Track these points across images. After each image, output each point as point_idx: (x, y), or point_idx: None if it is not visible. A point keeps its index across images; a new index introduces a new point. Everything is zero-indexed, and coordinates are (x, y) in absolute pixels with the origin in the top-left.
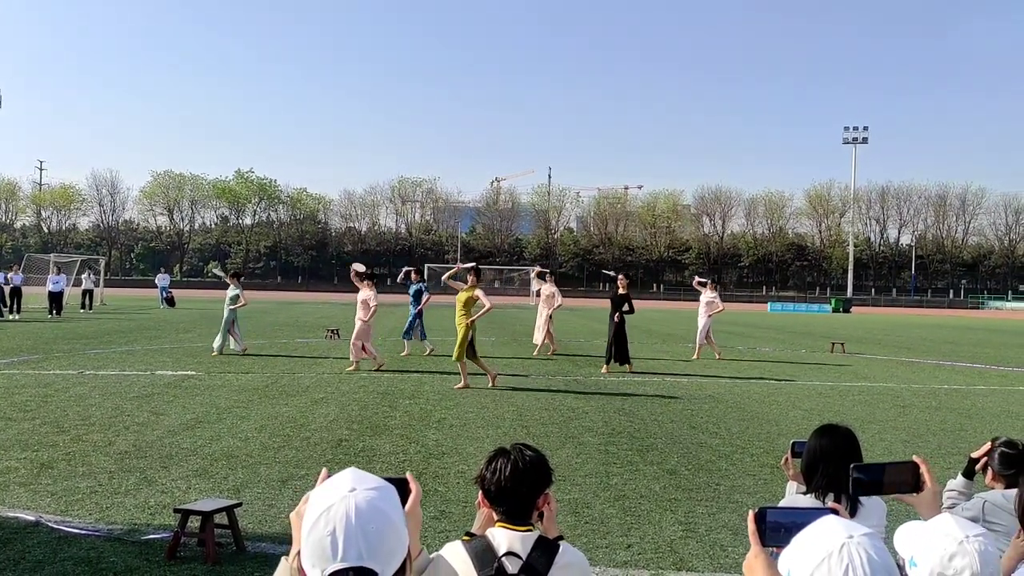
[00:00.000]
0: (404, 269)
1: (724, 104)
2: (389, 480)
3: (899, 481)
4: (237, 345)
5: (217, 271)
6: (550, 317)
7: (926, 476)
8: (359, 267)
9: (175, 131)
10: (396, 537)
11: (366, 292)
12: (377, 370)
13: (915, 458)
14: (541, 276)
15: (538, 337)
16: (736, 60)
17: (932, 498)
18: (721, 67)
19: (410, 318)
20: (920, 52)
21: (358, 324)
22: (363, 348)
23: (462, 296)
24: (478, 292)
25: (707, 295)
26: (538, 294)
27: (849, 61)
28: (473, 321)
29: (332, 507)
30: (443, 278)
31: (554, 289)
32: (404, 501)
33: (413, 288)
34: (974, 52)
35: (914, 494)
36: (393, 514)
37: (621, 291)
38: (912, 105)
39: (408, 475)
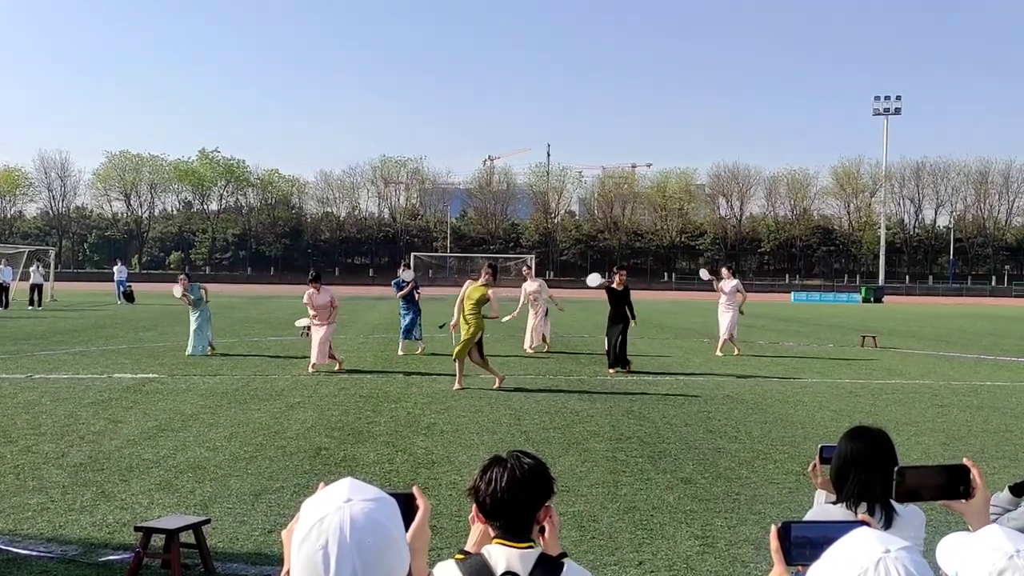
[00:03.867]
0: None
1: (741, 73)
2: (395, 495)
3: (948, 486)
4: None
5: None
6: (547, 314)
7: (977, 480)
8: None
9: (131, 108)
10: (396, 554)
11: (325, 296)
12: (312, 372)
13: (965, 460)
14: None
15: (532, 339)
16: (753, 24)
17: (983, 505)
18: (736, 32)
19: (412, 315)
20: (958, 14)
21: (325, 327)
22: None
23: (474, 293)
24: (490, 292)
25: (729, 283)
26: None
27: (879, 24)
28: (482, 320)
29: (325, 519)
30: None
31: (539, 282)
32: (410, 518)
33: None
34: (1019, 12)
35: (963, 501)
36: (393, 528)
37: (618, 287)
38: (950, 72)
39: (415, 489)
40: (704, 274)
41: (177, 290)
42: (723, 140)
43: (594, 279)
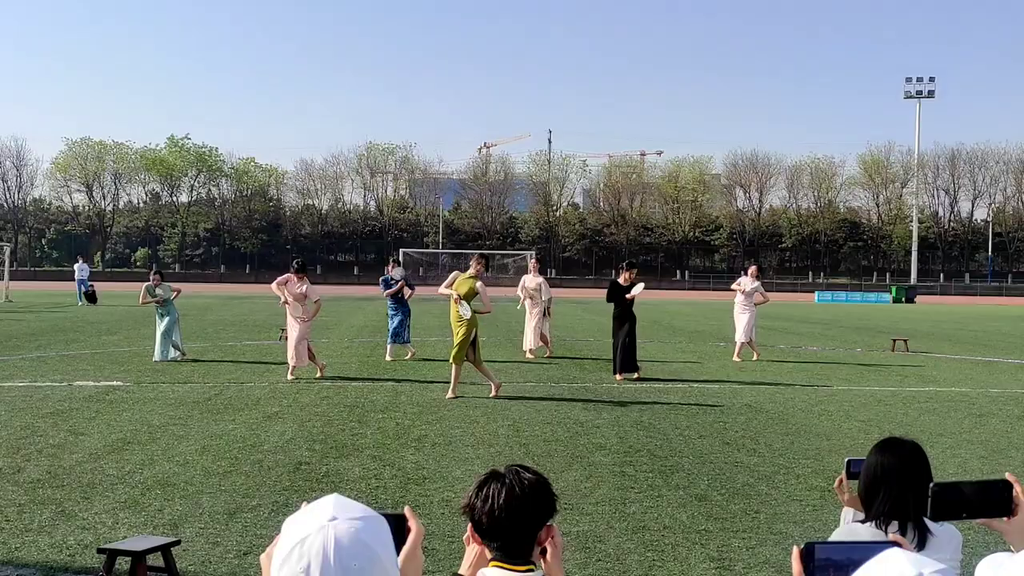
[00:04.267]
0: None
1: (758, 53)
2: (386, 516)
3: (988, 503)
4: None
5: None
6: (545, 313)
7: (1020, 497)
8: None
9: (94, 92)
10: None
11: (303, 286)
12: (292, 379)
13: (1007, 476)
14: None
15: (531, 340)
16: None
17: None
18: (753, 9)
19: (401, 316)
20: None
21: (300, 325)
22: (309, 351)
23: (461, 286)
24: (479, 285)
25: (752, 283)
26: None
27: None
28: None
29: (307, 539)
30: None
31: (543, 281)
32: (401, 541)
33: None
34: None
35: (1004, 519)
36: (380, 550)
37: (625, 284)
38: (987, 51)
39: (407, 510)
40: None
41: (164, 289)
42: (740, 126)
43: (637, 288)
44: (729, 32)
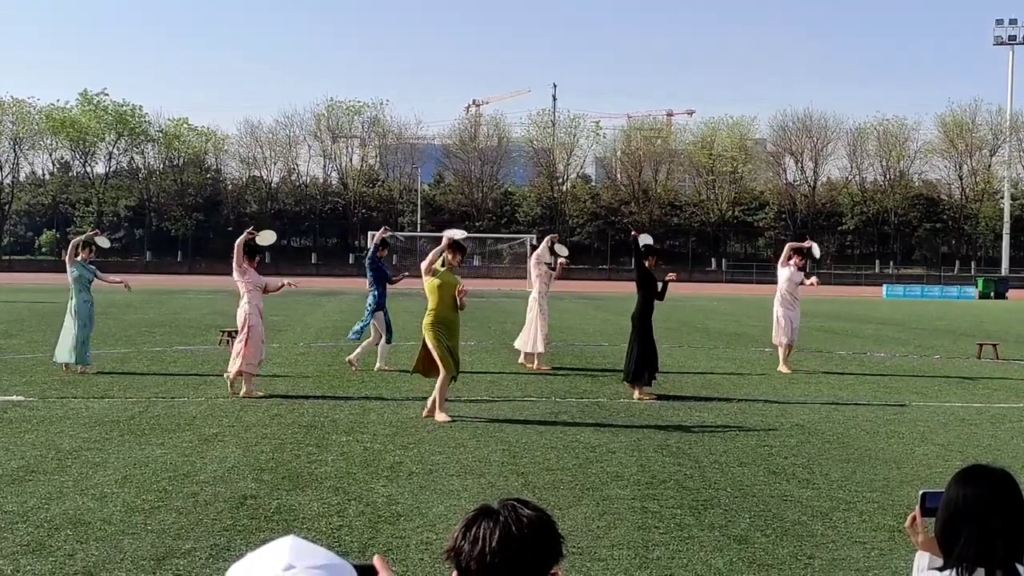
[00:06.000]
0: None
1: None
2: (353, 566)
3: None
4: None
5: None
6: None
7: None
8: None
9: None
10: None
11: (258, 277)
12: (234, 396)
13: None
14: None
15: (527, 342)
16: None
17: None
18: None
19: (372, 310)
20: None
21: (255, 323)
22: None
23: (440, 280)
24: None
25: (788, 270)
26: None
27: None
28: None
29: None
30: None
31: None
32: None
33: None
34: None
35: None
36: None
37: (651, 266)
38: None
39: (377, 560)
40: (816, 250)
41: (103, 241)
42: (790, 79)
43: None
44: None
